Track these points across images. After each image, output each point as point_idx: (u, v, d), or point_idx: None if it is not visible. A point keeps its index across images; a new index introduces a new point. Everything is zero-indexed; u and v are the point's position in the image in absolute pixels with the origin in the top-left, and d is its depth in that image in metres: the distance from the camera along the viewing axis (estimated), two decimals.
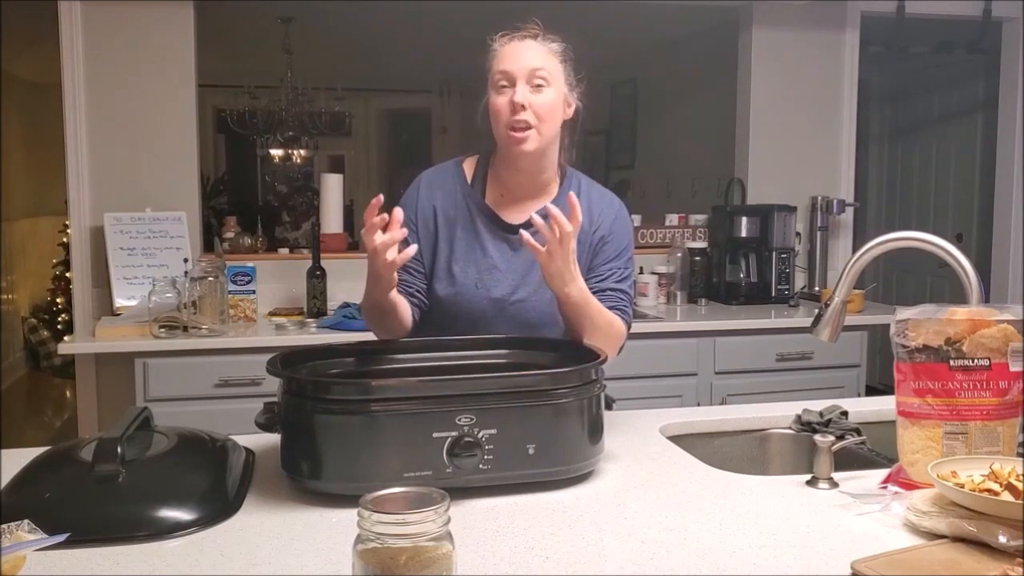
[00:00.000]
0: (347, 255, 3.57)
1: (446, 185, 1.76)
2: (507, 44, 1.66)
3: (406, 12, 5.00)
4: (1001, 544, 1.03)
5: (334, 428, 1.24)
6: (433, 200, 1.74)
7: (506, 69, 1.62)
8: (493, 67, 1.65)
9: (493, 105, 1.64)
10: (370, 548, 0.85)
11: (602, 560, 1.08)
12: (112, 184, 3.37)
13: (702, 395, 3.26)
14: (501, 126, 1.64)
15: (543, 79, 1.62)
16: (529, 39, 1.66)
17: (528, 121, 1.61)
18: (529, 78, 1.61)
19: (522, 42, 1.65)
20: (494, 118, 1.65)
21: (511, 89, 1.62)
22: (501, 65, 1.63)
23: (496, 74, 1.63)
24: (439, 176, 1.78)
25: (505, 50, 1.65)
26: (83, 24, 3.33)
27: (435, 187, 1.75)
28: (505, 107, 1.62)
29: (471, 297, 1.70)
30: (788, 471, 1.63)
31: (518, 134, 1.62)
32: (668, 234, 3.89)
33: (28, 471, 1.23)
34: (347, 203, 5.32)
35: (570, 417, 1.32)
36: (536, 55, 1.63)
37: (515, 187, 1.73)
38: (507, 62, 1.63)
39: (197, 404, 2.81)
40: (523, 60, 1.62)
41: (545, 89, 1.62)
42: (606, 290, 1.71)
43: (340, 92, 6.73)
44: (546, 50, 1.65)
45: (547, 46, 1.66)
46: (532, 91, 1.62)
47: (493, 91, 1.65)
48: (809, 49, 4.00)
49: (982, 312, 1.30)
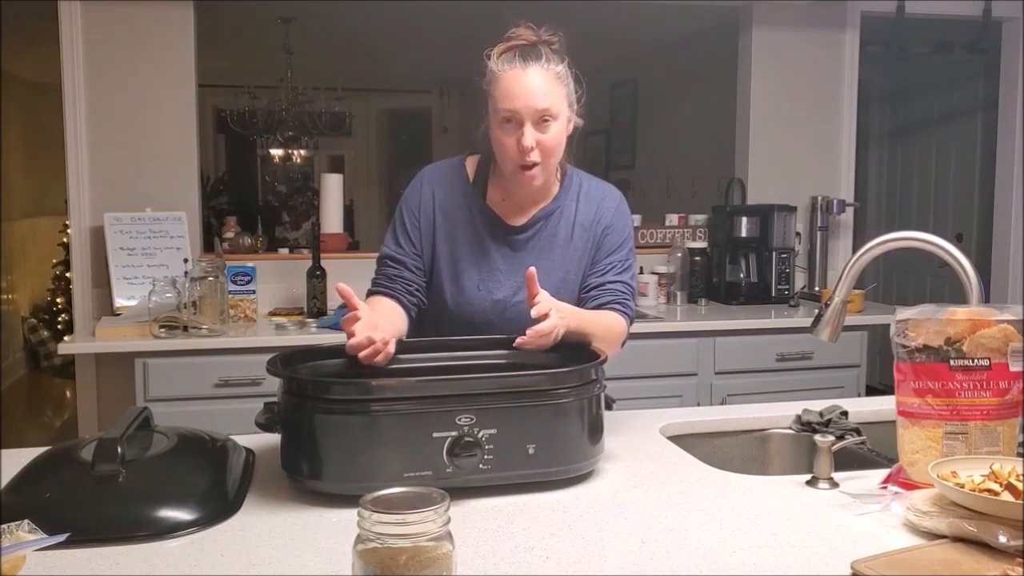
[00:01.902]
0: (347, 255, 3.57)
1: (448, 183, 1.75)
2: (508, 70, 1.58)
3: (406, 12, 5.00)
4: (1001, 544, 1.03)
5: (334, 428, 1.24)
6: (435, 196, 1.74)
7: (513, 109, 1.57)
8: (496, 98, 1.59)
9: (499, 141, 1.62)
10: (370, 548, 0.85)
11: (602, 560, 1.08)
12: (112, 184, 3.37)
13: (702, 395, 3.26)
14: (508, 162, 1.63)
15: (550, 116, 1.59)
16: (532, 63, 1.58)
17: (535, 160, 1.60)
18: (536, 120, 1.58)
19: (525, 71, 1.57)
20: (500, 152, 1.63)
21: (518, 129, 1.58)
22: (506, 102, 1.57)
23: (502, 111, 1.58)
24: (441, 173, 1.77)
25: (508, 79, 1.58)
26: (83, 24, 3.33)
27: (437, 184, 1.75)
28: (513, 148, 1.60)
29: (473, 299, 1.70)
30: (788, 471, 1.63)
31: (527, 172, 1.62)
32: (668, 234, 3.89)
33: (28, 471, 1.23)
34: (347, 203, 5.32)
35: (570, 417, 1.32)
36: (543, 93, 1.57)
37: (517, 195, 1.74)
38: (512, 99, 1.57)
39: (197, 404, 2.81)
40: (531, 100, 1.56)
41: (552, 124, 1.59)
42: (607, 283, 1.71)
43: (340, 92, 6.74)
44: (551, 77, 1.59)
45: (551, 71, 1.59)
46: (539, 128, 1.59)
47: (496, 125, 1.61)
48: (809, 49, 4.00)
49: (982, 312, 1.30)
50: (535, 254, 1.72)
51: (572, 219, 1.73)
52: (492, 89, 1.60)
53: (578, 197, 1.75)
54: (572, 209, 1.74)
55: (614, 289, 1.71)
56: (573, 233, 1.73)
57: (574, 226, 1.73)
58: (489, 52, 1.62)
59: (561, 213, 1.73)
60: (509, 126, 1.59)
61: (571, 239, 1.73)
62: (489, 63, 1.61)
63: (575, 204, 1.74)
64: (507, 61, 1.59)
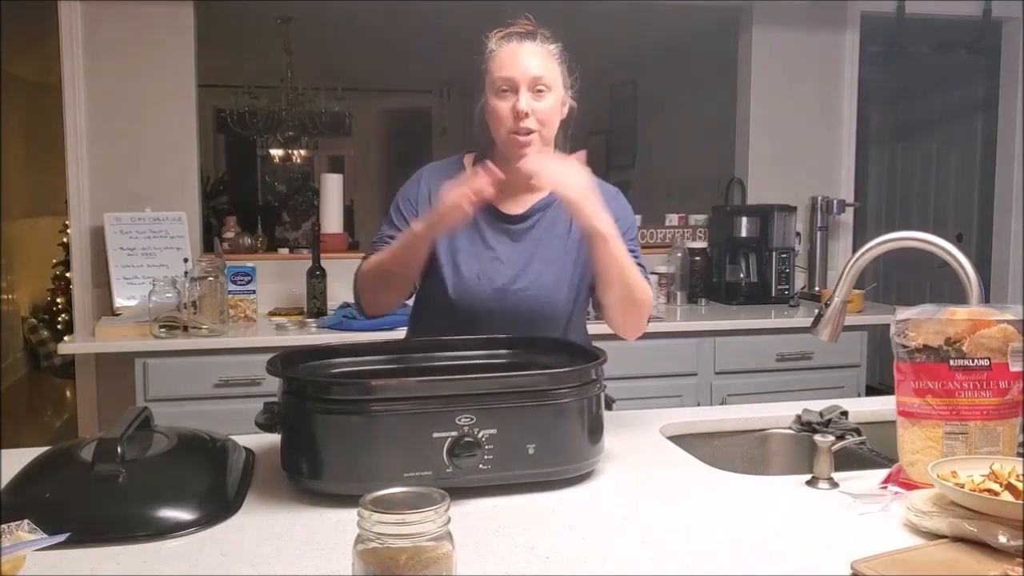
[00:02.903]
0: (347, 255, 3.57)
1: (446, 177, 1.76)
2: (505, 46, 1.66)
3: (406, 12, 5.00)
4: (1001, 544, 1.03)
5: (334, 428, 1.24)
6: (433, 191, 1.74)
7: (509, 76, 1.63)
8: (492, 70, 1.66)
9: (494, 109, 1.66)
10: (370, 548, 0.85)
11: (602, 560, 1.08)
12: (112, 184, 3.37)
13: (702, 395, 3.26)
14: (503, 130, 1.66)
15: (544, 86, 1.64)
16: (528, 41, 1.66)
17: (531, 127, 1.64)
18: (531, 85, 1.63)
19: (521, 44, 1.65)
20: (495, 121, 1.67)
21: (513, 96, 1.63)
22: (503, 71, 1.64)
23: (498, 79, 1.64)
24: (440, 170, 1.79)
25: (504, 53, 1.65)
26: (83, 24, 3.33)
27: (436, 179, 1.76)
28: (508, 113, 1.64)
29: (473, 288, 1.71)
30: (788, 471, 1.63)
31: (522, 138, 1.65)
32: (668, 234, 3.89)
33: (28, 471, 1.23)
34: (347, 203, 5.32)
35: (570, 417, 1.32)
36: (537, 61, 1.64)
37: (513, 181, 1.74)
38: (509, 68, 1.63)
39: (197, 404, 2.80)
40: (525, 67, 1.63)
41: (546, 95, 1.65)
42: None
43: (340, 92, 6.73)
44: (545, 52, 1.66)
45: (545, 48, 1.67)
46: (534, 97, 1.64)
47: (493, 95, 1.66)
48: (809, 49, 4.00)
49: (982, 312, 1.30)
50: (535, 243, 1.74)
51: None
52: (489, 64, 1.67)
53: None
54: None
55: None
56: (572, 225, 1.73)
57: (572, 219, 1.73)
58: (488, 35, 1.70)
59: (559, 205, 1.73)
60: (505, 93, 1.64)
61: (570, 231, 1.74)
62: (488, 43, 1.69)
63: None
64: (505, 40, 1.67)
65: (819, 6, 3.95)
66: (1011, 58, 4.19)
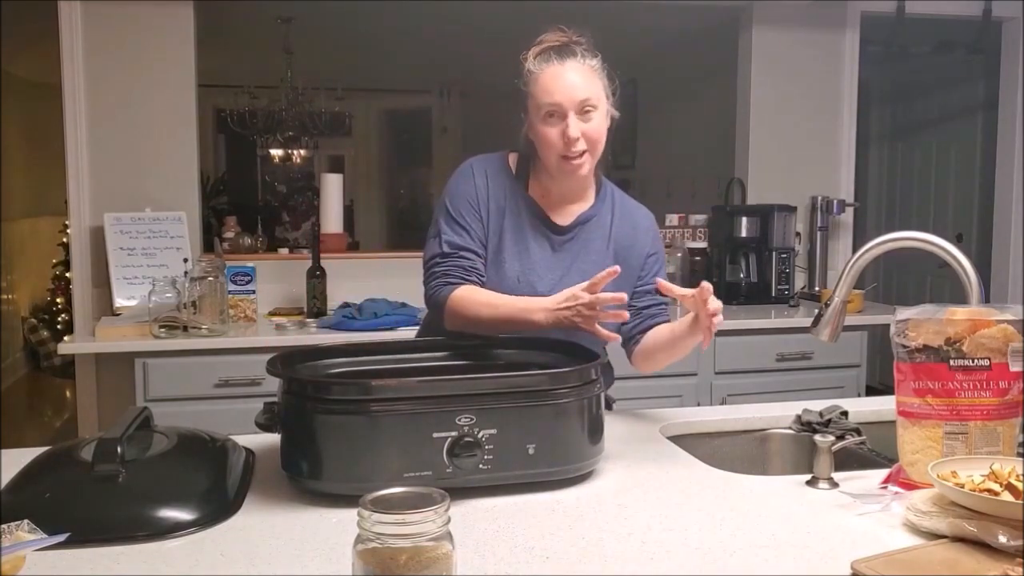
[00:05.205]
0: (347, 255, 3.57)
1: (495, 174, 1.76)
2: (546, 68, 1.63)
3: (406, 12, 5.00)
4: (1001, 544, 1.03)
5: (334, 428, 1.24)
6: (488, 186, 1.74)
7: (556, 102, 1.61)
8: (536, 95, 1.63)
9: (543, 135, 1.64)
10: (370, 548, 0.85)
11: (602, 560, 1.08)
12: (112, 184, 3.37)
13: (702, 395, 3.26)
14: (554, 155, 1.65)
15: (591, 106, 1.63)
16: (569, 59, 1.63)
17: (582, 149, 1.63)
18: (579, 109, 1.62)
19: (563, 65, 1.62)
20: (545, 146, 1.65)
21: (561, 121, 1.62)
22: (549, 97, 1.61)
23: (544, 105, 1.62)
24: (487, 164, 1.77)
25: (547, 77, 1.62)
26: (83, 24, 3.33)
27: (485, 174, 1.75)
28: (558, 139, 1.62)
29: (512, 289, 1.70)
30: (788, 471, 1.63)
31: (575, 162, 1.64)
32: (668, 234, 3.89)
33: (28, 471, 1.23)
34: (347, 203, 5.32)
35: (570, 417, 1.32)
36: (583, 83, 1.62)
37: (558, 192, 1.75)
38: (555, 93, 1.61)
39: (197, 404, 2.81)
40: (572, 92, 1.61)
41: (593, 114, 1.63)
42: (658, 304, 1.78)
43: (340, 92, 6.73)
44: (588, 70, 1.64)
45: (587, 65, 1.64)
46: (582, 119, 1.62)
47: (539, 120, 1.64)
48: (809, 49, 4.00)
49: (982, 312, 1.30)
50: (572, 255, 1.74)
51: (608, 230, 1.77)
52: (532, 88, 1.64)
53: (613, 208, 1.79)
54: (608, 220, 1.78)
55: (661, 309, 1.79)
56: (609, 246, 1.75)
57: (610, 239, 1.76)
58: (525, 55, 1.66)
59: (598, 221, 1.77)
60: (553, 119, 1.62)
61: (607, 250, 1.75)
62: (526, 64, 1.66)
63: (610, 215, 1.78)
64: (544, 60, 1.64)
65: (819, 6, 3.95)
66: (1011, 58, 4.19)
